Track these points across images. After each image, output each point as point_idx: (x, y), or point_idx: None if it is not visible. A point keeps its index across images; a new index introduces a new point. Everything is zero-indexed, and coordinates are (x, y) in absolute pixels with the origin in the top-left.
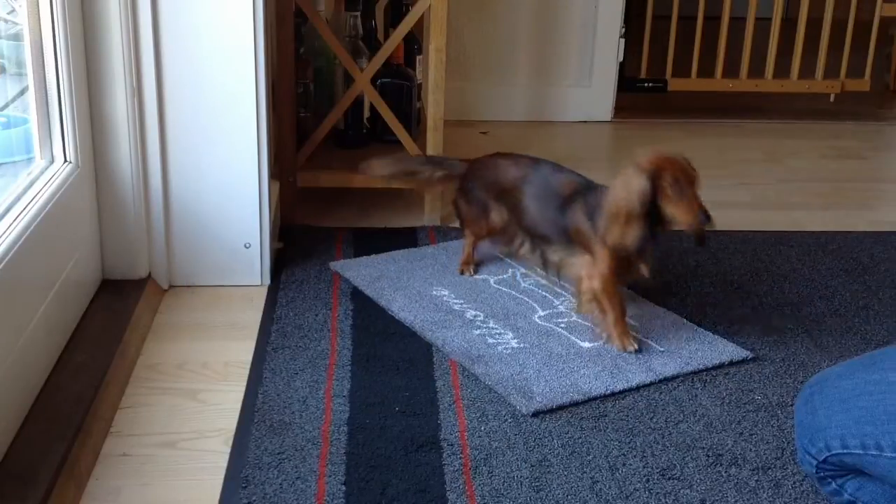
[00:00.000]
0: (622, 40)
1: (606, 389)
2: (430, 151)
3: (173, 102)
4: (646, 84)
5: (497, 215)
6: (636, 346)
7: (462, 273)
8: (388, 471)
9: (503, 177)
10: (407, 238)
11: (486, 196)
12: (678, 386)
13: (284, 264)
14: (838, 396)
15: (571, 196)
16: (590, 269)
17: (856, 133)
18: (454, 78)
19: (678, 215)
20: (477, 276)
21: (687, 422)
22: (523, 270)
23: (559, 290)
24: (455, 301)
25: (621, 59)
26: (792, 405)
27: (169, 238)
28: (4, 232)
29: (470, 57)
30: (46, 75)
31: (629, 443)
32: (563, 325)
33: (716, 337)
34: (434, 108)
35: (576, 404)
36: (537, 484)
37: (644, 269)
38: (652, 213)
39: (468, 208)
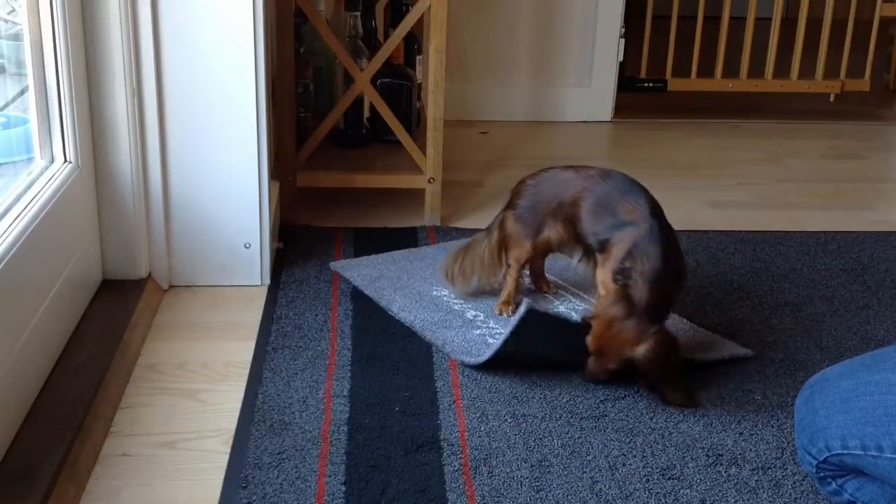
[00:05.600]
0: (622, 40)
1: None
2: (430, 151)
3: (173, 102)
4: (646, 84)
5: (551, 231)
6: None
7: (501, 314)
8: (388, 471)
9: (563, 189)
10: (407, 238)
11: (541, 214)
12: None
13: (284, 264)
14: (839, 396)
15: (627, 223)
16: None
17: (856, 133)
18: (454, 78)
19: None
20: None
21: (687, 422)
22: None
23: (562, 293)
24: (455, 301)
25: (621, 59)
26: (792, 405)
27: (169, 238)
28: (4, 232)
29: (470, 57)
30: (46, 75)
31: (629, 443)
32: None
33: (716, 336)
34: (434, 108)
35: (575, 403)
36: (537, 484)
37: None
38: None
39: (518, 227)
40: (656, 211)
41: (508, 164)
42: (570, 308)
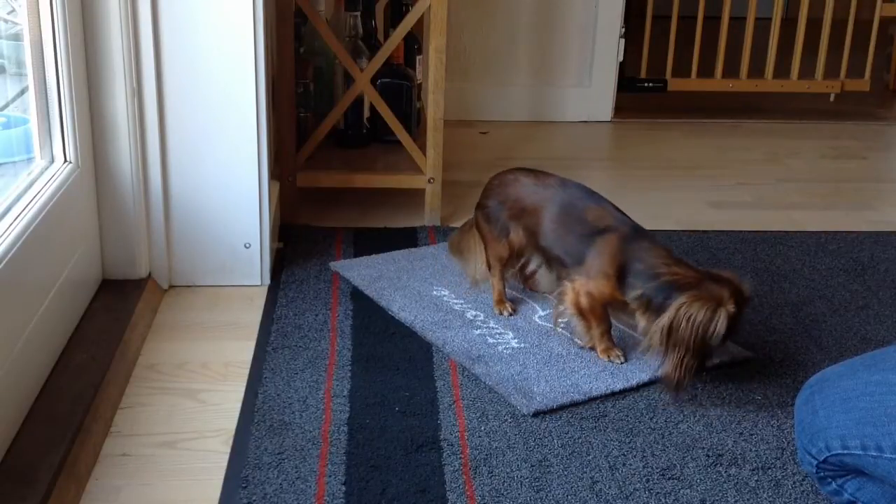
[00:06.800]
0: (622, 40)
1: (606, 389)
2: (430, 151)
3: (173, 102)
4: (646, 84)
5: (515, 235)
6: (622, 359)
7: (500, 314)
8: (388, 471)
9: (525, 195)
10: (407, 238)
11: (506, 215)
12: None
13: (284, 264)
14: (839, 396)
15: (605, 229)
16: (580, 286)
17: (856, 133)
18: (454, 78)
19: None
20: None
21: (687, 422)
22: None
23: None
24: (455, 301)
25: (621, 59)
26: (792, 405)
27: (169, 238)
28: (4, 232)
29: (470, 57)
30: (46, 75)
31: (629, 443)
32: (563, 325)
33: None
34: (434, 108)
35: (576, 404)
36: (537, 484)
37: (641, 321)
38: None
39: (489, 227)
40: (622, 211)
41: (508, 164)
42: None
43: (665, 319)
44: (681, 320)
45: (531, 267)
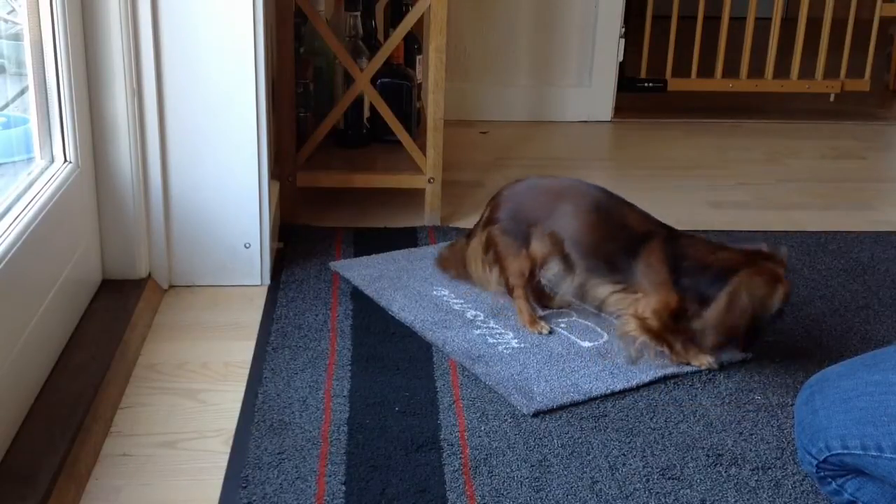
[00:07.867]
0: (622, 40)
1: (606, 389)
2: (430, 151)
3: (173, 102)
4: (646, 84)
5: (537, 243)
6: (717, 364)
7: (540, 333)
8: (388, 471)
9: (545, 200)
10: (407, 238)
11: (525, 224)
12: (678, 386)
13: (284, 264)
14: (839, 396)
15: (647, 234)
16: (642, 308)
17: (856, 133)
18: (454, 78)
19: (710, 328)
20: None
21: (687, 422)
22: None
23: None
24: (455, 301)
25: (621, 59)
26: (792, 405)
27: (169, 238)
28: (4, 232)
29: (470, 57)
30: (46, 75)
31: (629, 443)
32: (563, 325)
33: None
34: (434, 108)
35: (576, 404)
36: (537, 484)
37: (698, 323)
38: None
39: (507, 242)
40: (662, 223)
41: (508, 164)
42: (575, 322)
43: (724, 295)
44: (740, 293)
45: (549, 275)
